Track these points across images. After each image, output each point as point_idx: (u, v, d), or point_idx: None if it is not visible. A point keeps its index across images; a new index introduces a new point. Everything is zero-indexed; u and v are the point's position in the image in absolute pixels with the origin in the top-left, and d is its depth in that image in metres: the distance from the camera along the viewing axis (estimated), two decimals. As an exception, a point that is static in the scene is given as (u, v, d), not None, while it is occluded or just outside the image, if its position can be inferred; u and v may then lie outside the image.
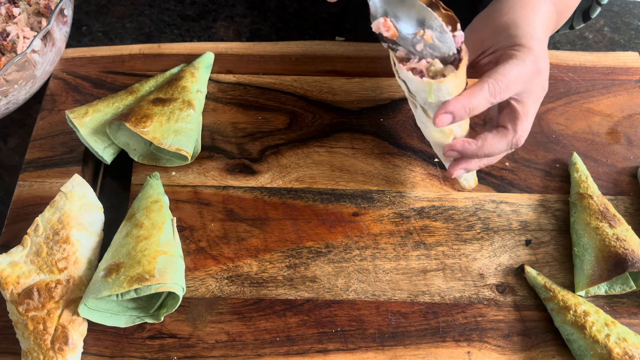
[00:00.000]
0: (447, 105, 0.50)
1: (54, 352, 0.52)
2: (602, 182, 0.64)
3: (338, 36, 0.79)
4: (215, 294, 0.58)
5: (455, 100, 0.50)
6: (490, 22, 0.57)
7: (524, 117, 0.54)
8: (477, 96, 0.51)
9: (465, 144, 0.54)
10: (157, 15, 0.82)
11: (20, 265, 0.54)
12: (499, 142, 0.54)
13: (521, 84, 0.53)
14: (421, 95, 0.52)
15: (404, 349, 0.55)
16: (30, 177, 0.64)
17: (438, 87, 0.50)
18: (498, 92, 0.51)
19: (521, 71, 0.52)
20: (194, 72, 0.68)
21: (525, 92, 0.54)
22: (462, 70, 0.50)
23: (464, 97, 0.50)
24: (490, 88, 0.51)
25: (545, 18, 0.57)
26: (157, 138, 0.61)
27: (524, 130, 0.54)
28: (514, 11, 0.56)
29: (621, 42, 0.80)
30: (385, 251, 0.60)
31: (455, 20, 0.51)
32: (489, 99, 0.51)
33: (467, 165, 0.56)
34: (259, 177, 0.65)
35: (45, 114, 0.69)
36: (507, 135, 0.54)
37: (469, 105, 0.50)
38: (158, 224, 0.57)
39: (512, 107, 0.54)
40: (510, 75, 0.51)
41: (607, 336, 0.52)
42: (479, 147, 0.54)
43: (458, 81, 0.50)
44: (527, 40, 0.53)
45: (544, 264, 0.60)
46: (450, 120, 0.51)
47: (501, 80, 0.51)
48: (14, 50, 0.66)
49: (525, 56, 0.52)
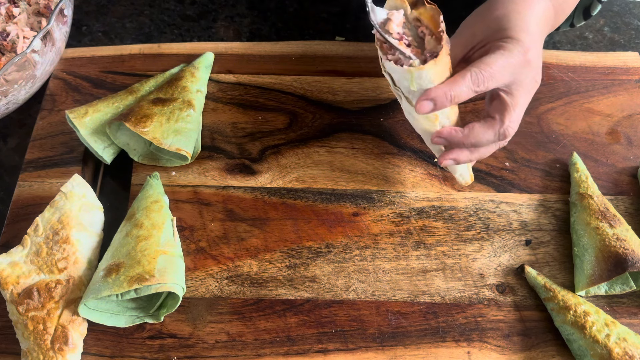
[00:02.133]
0: (429, 92, 0.51)
1: (54, 352, 0.52)
2: (602, 182, 0.64)
3: (338, 36, 0.79)
4: (215, 294, 0.58)
5: (437, 88, 0.51)
6: (483, 17, 0.57)
7: (512, 108, 0.54)
8: (460, 84, 0.51)
9: (452, 131, 0.54)
10: (157, 15, 0.82)
11: (20, 265, 0.54)
12: (485, 132, 0.54)
13: (508, 75, 0.53)
14: (404, 84, 0.53)
15: (404, 349, 0.55)
16: (30, 177, 0.64)
17: (419, 74, 0.51)
18: (481, 81, 0.52)
19: (508, 61, 0.53)
20: (194, 72, 0.68)
21: (514, 84, 0.54)
22: (443, 59, 0.52)
23: (445, 85, 0.51)
24: (473, 77, 0.52)
25: (541, 14, 0.57)
26: (157, 138, 0.61)
27: (512, 121, 0.55)
28: (506, 6, 0.56)
29: (621, 42, 0.80)
30: (385, 251, 0.60)
31: (438, 12, 0.52)
32: (471, 87, 0.52)
33: (456, 156, 0.56)
34: (259, 177, 0.65)
35: (45, 114, 0.69)
36: (494, 126, 0.54)
37: (451, 93, 0.51)
38: (158, 224, 0.57)
39: (501, 98, 0.55)
40: (495, 65, 0.52)
41: (607, 336, 0.52)
42: (466, 135, 0.54)
43: (438, 69, 0.52)
44: (516, 33, 0.54)
45: (544, 264, 0.60)
46: (431, 107, 0.52)
47: (485, 69, 0.52)
48: (14, 50, 0.66)
49: (512, 47, 0.53)
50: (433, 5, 0.53)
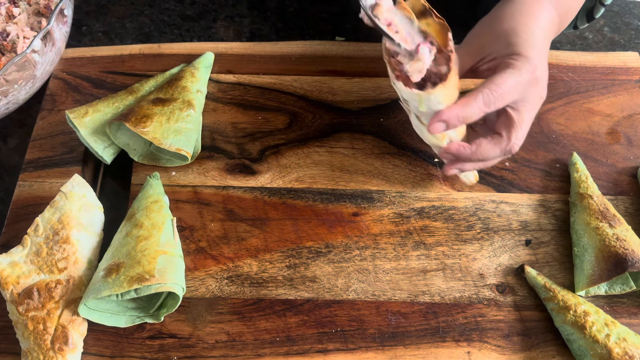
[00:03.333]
0: (441, 114, 0.52)
1: (54, 352, 0.52)
2: (602, 182, 0.64)
3: (338, 36, 0.79)
4: (215, 294, 0.58)
5: (449, 110, 0.52)
6: (491, 28, 0.57)
7: (518, 125, 0.55)
8: (471, 106, 0.52)
9: (460, 148, 0.55)
10: (157, 15, 0.82)
11: (20, 265, 0.54)
12: (492, 149, 0.55)
13: (518, 93, 0.54)
14: (413, 104, 0.54)
15: (404, 349, 0.55)
16: (30, 177, 0.64)
17: (427, 97, 0.52)
18: (492, 102, 0.53)
19: (518, 81, 0.53)
20: (194, 72, 0.68)
21: (521, 101, 0.55)
22: (452, 81, 0.52)
23: (457, 107, 0.52)
24: (485, 98, 0.52)
25: (546, 25, 0.57)
26: (157, 138, 0.61)
27: (518, 138, 0.56)
28: (514, 18, 0.56)
29: (621, 42, 0.80)
30: (385, 251, 0.60)
31: (447, 28, 0.52)
32: (482, 108, 0.53)
33: (461, 167, 0.59)
34: (259, 177, 0.65)
35: (45, 114, 0.69)
36: (501, 143, 0.55)
37: (462, 115, 0.52)
38: (158, 224, 0.57)
39: (508, 114, 0.55)
40: (505, 85, 0.53)
41: (607, 336, 0.52)
42: (473, 152, 0.55)
43: (448, 91, 0.52)
44: (525, 50, 0.54)
45: (544, 264, 0.60)
46: (443, 128, 0.53)
47: (496, 90, 0.52)
48: (14, 50, 0.66)
49: (522, 65, 0.53)
50: (442, 20, 0.53)
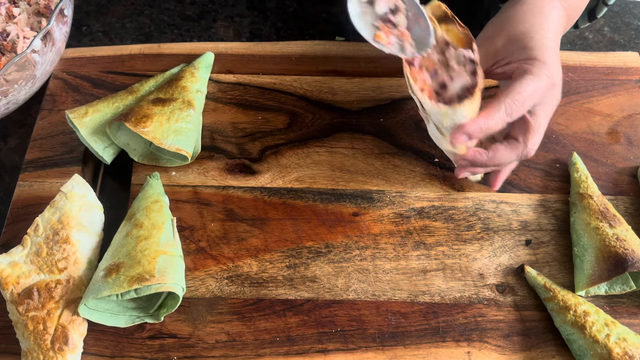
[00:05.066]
0: (465, 127, 0.52)
1: (54, 352, 0.52)
2: (602, 182, 0.64)
3: (338, 36, 0.79)
4: (215, 294, 0.58)
5: (473, 123, 0.52)
6: (504, 31, 0.57)
7: (535, 130, 0.55)
8: (494, 117, 0.52)
9: (477, 154, 0.55)
10: (157, 15, 0.82)
11: (20, 265, 0.54)
12: (509, 154, 0.55)
13: (537, 99, 0.54)
14: (436, 117, 0.54)
15: (404, 349, 0.55)
16: (30, 177, 0.64)
17: (453, 112, 0.52)
18: (515, 110, 0.52)
19: (537, 86, 0.53)
20: (194, 72, 0.68)
21: (539, 105, 0.55)
22: (478, 95, 0.52)
23: (481, 119, 0.52)
24: (507, 108, 0.52)
25: (557, 25, 0.57)
26: (157, 138, 0.61)
27: (535, 143, 0.55)
28: (527, 20, 0.56)
29: (621, 42, 0.80)
30: (385, 251, 0.60)
31: (470, 39, 0.52)
32: (505, 118, 0.52)
33: (474, 170, 0.59)
34: (259, 177, 0.65)
35: (45, 114, 0.69)
36: (517, 148, 0.55)
37: (485, 127, 0.52)
38: (158, 224, 0.57)
39: (525, 119, 0.55)
40: (525, 92, 0.52)
41: (607, 336, 0.52)
42: (490, 158, 0.55)
43: (473, 106, 0.52)
44: (541, 54, 0.54)
45: (544, 264, 0.60)
46: (466, 140, 0.53)
47: (517, 99, 0.52)
48: (14, 50, 0.66)
49: (540, 71, 0.53)
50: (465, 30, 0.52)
